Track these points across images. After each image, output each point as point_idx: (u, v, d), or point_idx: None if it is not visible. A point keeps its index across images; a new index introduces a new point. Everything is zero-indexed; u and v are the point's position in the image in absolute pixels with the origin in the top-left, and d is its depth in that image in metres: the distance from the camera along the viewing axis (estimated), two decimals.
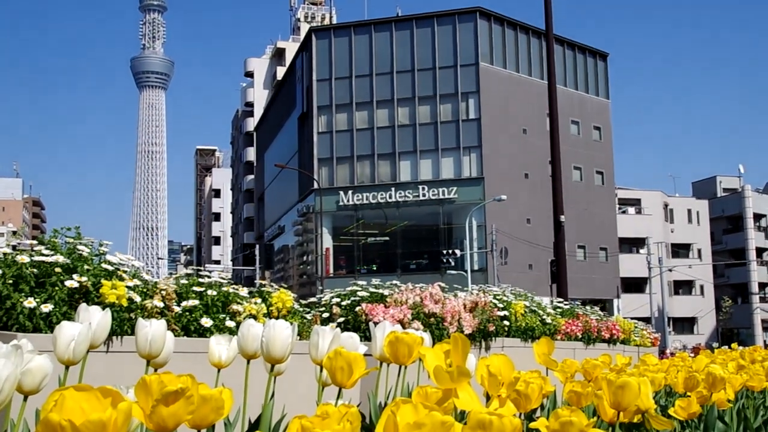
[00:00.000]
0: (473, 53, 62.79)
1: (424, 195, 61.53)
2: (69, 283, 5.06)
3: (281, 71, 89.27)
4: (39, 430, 1.51)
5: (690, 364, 5.69)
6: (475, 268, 57.84)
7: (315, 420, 1.70)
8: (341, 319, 8.01)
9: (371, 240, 62.69)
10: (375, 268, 61.82)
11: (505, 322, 9.49)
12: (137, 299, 5.31)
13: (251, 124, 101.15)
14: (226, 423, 3.02)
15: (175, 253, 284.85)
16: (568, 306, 13.18)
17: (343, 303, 8.32)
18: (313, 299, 9.01)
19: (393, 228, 62.17)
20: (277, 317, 6.32)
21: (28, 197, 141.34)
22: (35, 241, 5.48)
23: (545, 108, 22.59)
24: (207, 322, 5.71)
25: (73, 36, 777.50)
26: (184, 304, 5.72)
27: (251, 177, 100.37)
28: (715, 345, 40.93)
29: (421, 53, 63.77)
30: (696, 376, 4.08)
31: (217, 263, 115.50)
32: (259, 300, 6.44)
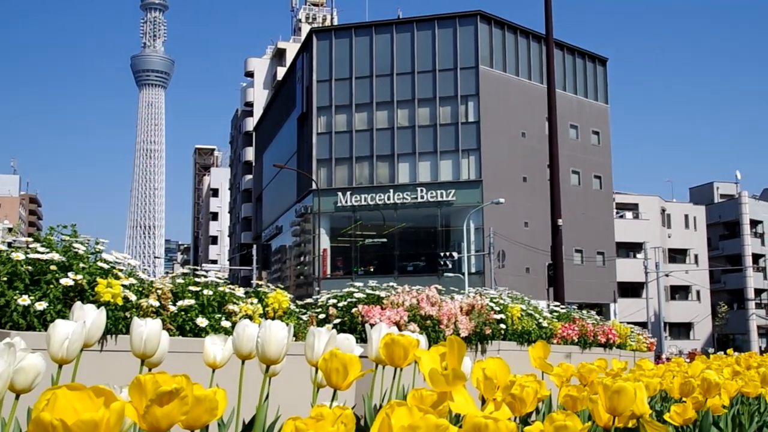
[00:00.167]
0: (473, 56, 62.81)
1: (422, 197, 61.55)
2: (64, 281, 5.05)
3: (281, 72, 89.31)
4: (30, 429, 1.50)
5: (686, 369, 5.69)
6: (472, 270, 57.85)
7: (309, 421, 1.69)
8: (337, 321, 8.00)
9: (369, 241, 62.69)
10: (372, 269, 61.79)
11: (502, 325, 9.47)
12: (133, 298, 5.30)
13: (250, 123, 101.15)
14: (219, 424, 3.01)
15: (172, 252, 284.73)
16: (564, 310, 13.17)
17: (340, 304, 8.31)
18: (310, 300, 9.00)
19: (391, 230, 62.17)
20: (273, 318, 6.31)
21: (24, 194, 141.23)
22: (31, 239, 5.47)
23: (544, 112, 22.59)
24: (202, 322, 5.70)
25: (74, 33, 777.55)
26: (179, 303, 5.70)
27: (250, 177, 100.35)
28: (711, 350, 41.01)
29: (422, 56, 63.80)
30: (691, 381, 4.08)
31: (214, 263, 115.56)
32: (256, 300, 6.43)
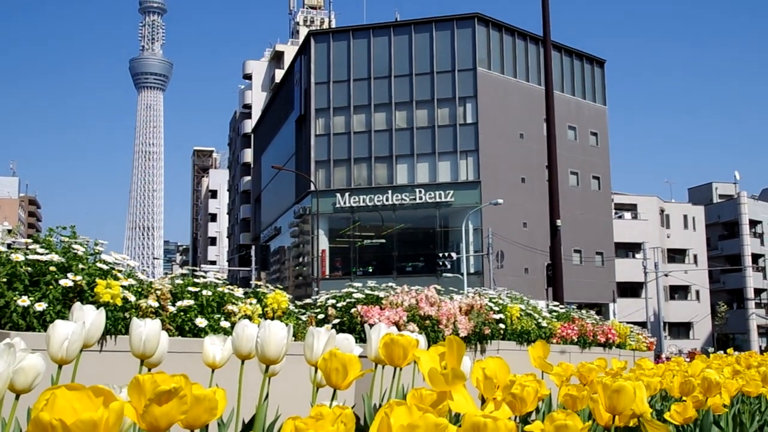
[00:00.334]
0: (471, 58, 62.83)
1: (420, 198, 61.55)
2: (63, 282, 5.05)
3: (279, 74, 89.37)
4: (30, 429, 1.49)
5: (686, 368, 5.68)
6: (471, 271, 57.85)
7: (309, 421, 1.69)
8: (336, 321, 7.99)
9: (367, 242, 62.69)
10: (371, 270, 61.80)
11: (501, 325, 9.47)
12: (132, 299, 5.29)
13: (249, 126, 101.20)
14: (219, 423, 3.00)
15: (171, 254, 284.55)
16: (563, 310, 13.17)
17: (339, 305, 8.31)
18: (309, 300, 9.00)
19: (389, 230, 62.18)
20: (273, 318, 6.30)
21: (24, 196, 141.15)
22: (30, 240, 5.47)
23: (542, 113, 22.61)
24: (202, 322, 5.70)
25: (72, 36, 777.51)
26: (179, 304, 5.70)
27: (248, 178, 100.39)
28: (711, 350, 41.01)
29: (419, 58, 63.80)
30: (692, 380, 4.07)
31: (213, 264, 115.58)
32: (255, 301, 6.42)
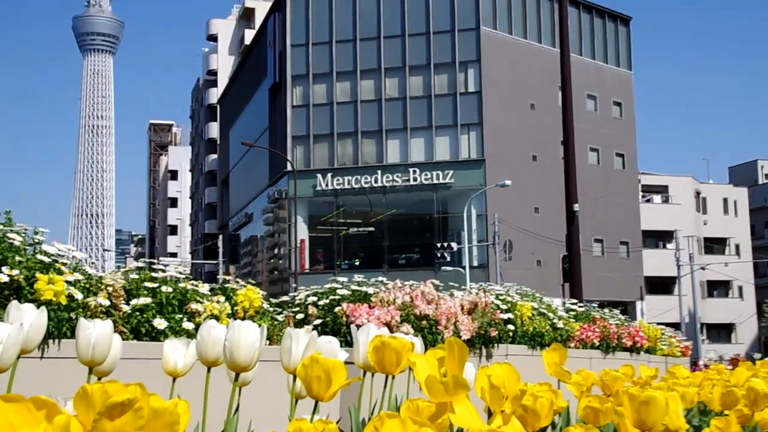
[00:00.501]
0: (473, 16, 62.82)
1: (415, 179, 61.57)
2: None
3: (250, 35, 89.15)
4: None
5: (727, 377, 5.68)
6: (475, 264, 57.97)
7: None
8: (318, 321, 8.00)
9: (353, 231, 62.70)
10: (358, 263, 61.84)
11: (510, 326, 9.49)
12: (78, 296, 5.28)
13: (214, 95, 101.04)
14: None
15: (124, 245, 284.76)
16: (583, 308, 13.22)
17: (321, 302, 8.31)
18: (286, 298, 9.01)
19: (379, 217, 62.20)
20: (243, 318, 6.29)
21: None
22: None
23: (557, 80, 22.60)
24: (161, 323, 5.69)
25: None
26: (133, 302, 5.69)
27: (214, 157, 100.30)
28: (757, 356, 41.08)
29: (413, 16, 63.76)
30: (735, 391, 4.06)
31: (174, 256, 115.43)
32: (222, 298, 6.43)
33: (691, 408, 5.04)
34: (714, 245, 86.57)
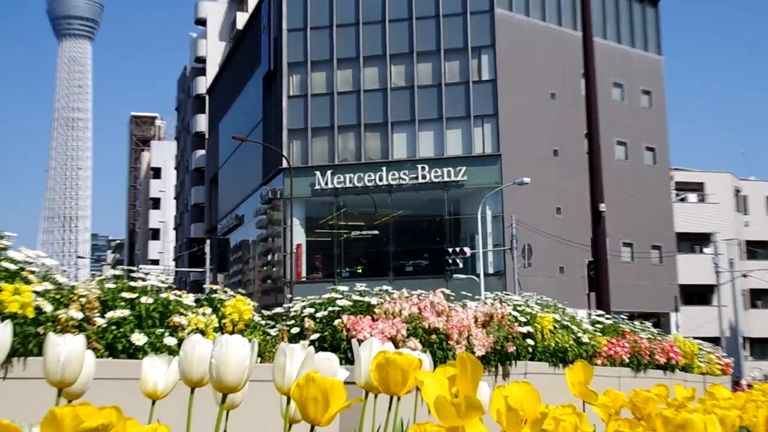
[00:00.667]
0: None
1: (424, 177, 61.67)
2: None
3: (242, 18, 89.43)
4: None
5: None
6: (490, 271, 58.04)
7: None
8: (315, 336, 8.00)
9: (356, 234, 62.85)
10: (360, 270, 61.98)
11: (529, 340, 9.48)
12: (48, 308, 5.27)
13: (203, 85, 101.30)
14: None
15: (101, 251, 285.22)
16: (610, 321, 13.22)
17: (318, 315, 8.31)
18: (280, 310, 9.02)
19: (384, 219, 62.34)
20: (232, 332, 6.29)
21: None
22: None
23: (579, 67, 22.61)
24: (139, 338, 5.69)
25: None
26: (109, 315, 5.69)
27: (202, 153, 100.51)
28: None
29: None
30: None
31: (156, 263, 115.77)
32: (209, 310, 6.43)
33: None
34: (757, 249, 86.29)
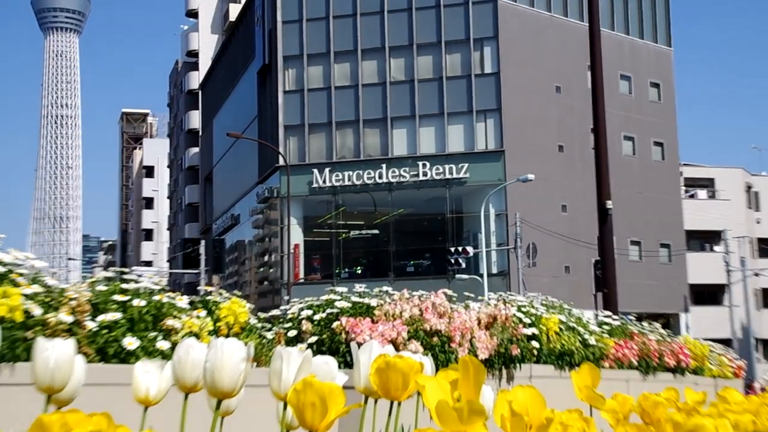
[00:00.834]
0: None
1: (425, 174, 61.68)
2: None
3: (235, 10, 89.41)
4: None
5: None
6: (494, 271, 58.06)
7: None
8: (313, 339, 8.00)
9: (355, 234, 62.87)
10: (360, 271, 62.05)
11: (534, 343, 9.49)
12: (37, 312, 5.27)
13: (195, 80, 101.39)
14: None
15: (92, 252, 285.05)
16: (618, 322, 13.21)
17: (317, 317, 8.31)
18: (277, 312, 9.03)
19: (384, 218, 62.36)
20: (227, 336, 6.29)
21: None
22: None
23: (586, 59, 22.61)
24: (132, 342, 5.69)
25: None
26: (100, 318, 5.68)
27: (195, 150, 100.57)
28: None
29: None
30: None
31: (149, 265, 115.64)
32: (203, 313, 6.43)
33: None
34: None
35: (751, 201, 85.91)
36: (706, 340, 16.82)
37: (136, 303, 5.94)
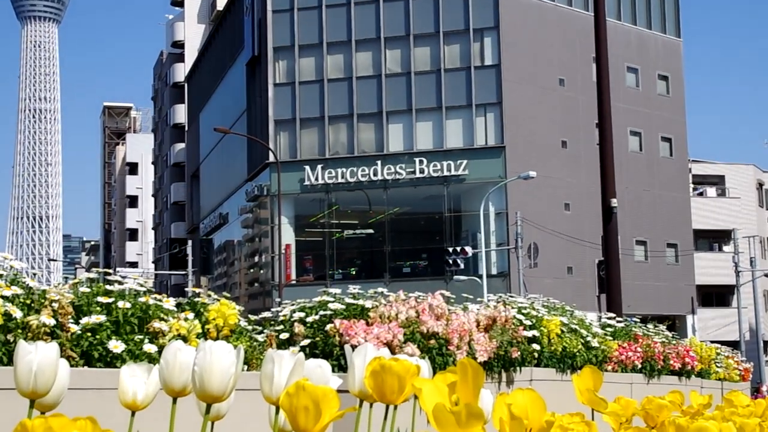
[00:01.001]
0: None
1: (422, 171, 61.59)
2: None
3: None
4: None
5: None
6: (493, 272, 58.01)
7: None
8: (306, 342, 8.01)
9: (349, 233, 62.76)
10: (354, 272, 61.93)
11: (535, 345, 9.51)
12: (17, 314, 5.28)
13: (181, 72, 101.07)
14: None
15: (74, 253, 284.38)
16: (622, 324, 13.24)
17: (309, 319, 8.32)
18: (268, 314, 9.03)
19: (379, 217, 62.24)
20: (217, 338, 6.30)
21: None
22: None
23: (591, 50, 22.63)
24: (117, 345, 5.69)
25: None
26: (84, 321, 5.69)
27: (181, 146, 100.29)
28: None
29: None
30: None
31: (134, 266, 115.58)
32: (191, 315, 6.43)
33: None
34: None
35: (763, 199, 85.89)
36: (712, 342, 16.90)
37: (121, 305, 5.94)
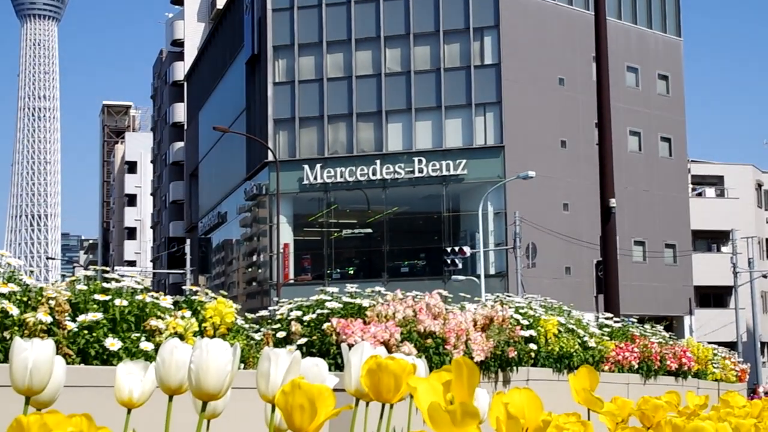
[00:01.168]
0: None
1: (421, 171, 61.55)
2: None
3: None
4: None
5: None
6: (491, 271, 57.97)
7: None
8: (303, 340, 8.01)
9: (347, 233, 62.73)
10: (352, 271, 61.90)
11: (532, 345, 9.50)
12: (14, 312, 5.27)
13: (180, 70, 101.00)
14: None
15: (72, 251, 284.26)
16: (619, 324, 13.24)
17: (306, 318, 8.31)
18: (265, 313, 9.03)
19: (378, 216, 62.20)
20: (213, 336, 6.30)
21: None
22: None
23: (591, 49, 22.63)
24: (114, 343, 5.69)
25: None
26: (81, 318, 5.68)
27: (180, 145, 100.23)
28: None
29: None
30: None
31: (132, 264, 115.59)
32: (188, 313, 6.42)
33: None
34: None
35: (762, 200, 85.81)
36: (710, 343, 16.91)
37: (117, 303, 5.93)
